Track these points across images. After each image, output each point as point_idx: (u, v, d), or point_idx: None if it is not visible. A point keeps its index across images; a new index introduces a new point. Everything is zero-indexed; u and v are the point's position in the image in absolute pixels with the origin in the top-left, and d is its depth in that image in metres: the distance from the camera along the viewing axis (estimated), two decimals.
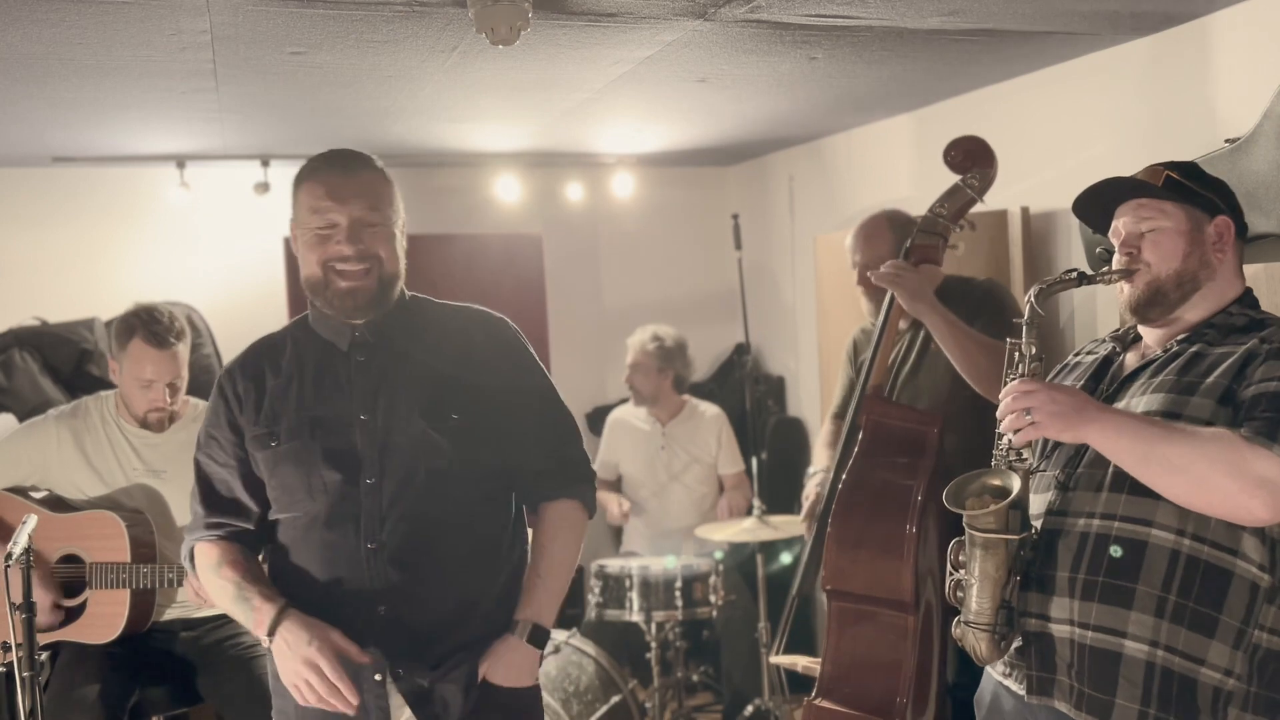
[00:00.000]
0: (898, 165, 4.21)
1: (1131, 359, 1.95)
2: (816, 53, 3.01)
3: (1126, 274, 1.88)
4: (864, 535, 2.71)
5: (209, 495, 2.07)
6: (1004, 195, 2.93)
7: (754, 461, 4.13)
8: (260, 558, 2.12)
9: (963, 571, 1.86)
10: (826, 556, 2.75)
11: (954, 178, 2.83)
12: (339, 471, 1.96)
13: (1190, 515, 1.71)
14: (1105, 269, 1.93)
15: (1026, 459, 1.84)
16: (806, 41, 2.87)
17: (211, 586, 2.05)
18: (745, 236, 4.48)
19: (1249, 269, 2.35)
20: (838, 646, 2.74)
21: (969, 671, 2.87)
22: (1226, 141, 2.62)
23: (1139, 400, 1.82)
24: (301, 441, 1.98)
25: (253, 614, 1.97)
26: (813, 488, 3.18)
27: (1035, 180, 3.43)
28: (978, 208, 2.85)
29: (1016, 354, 1.89)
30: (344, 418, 1.99)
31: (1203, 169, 1.94)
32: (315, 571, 1.99)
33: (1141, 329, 1.96)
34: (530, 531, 2.18)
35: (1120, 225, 1.92)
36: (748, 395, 4.39)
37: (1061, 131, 3.36)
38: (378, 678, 1.94)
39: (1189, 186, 1.88)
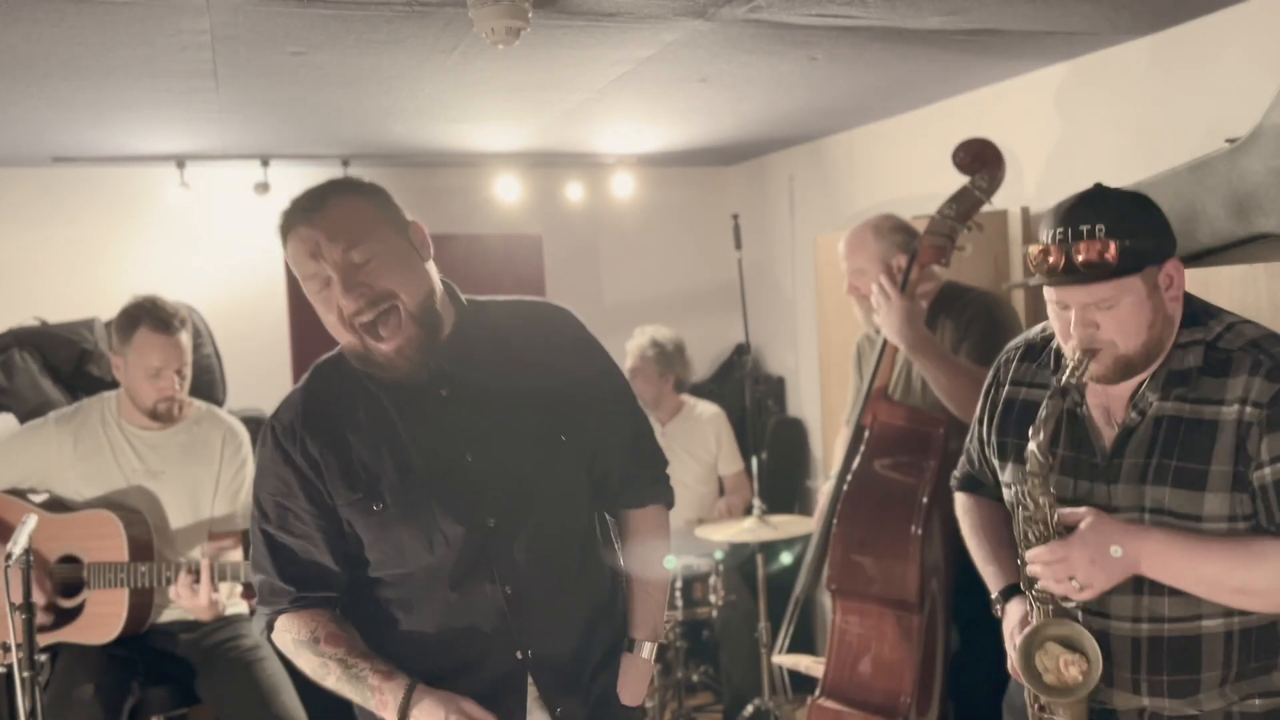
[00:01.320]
0: (898, 165, 4.21)
1: (1099, 415, 1.82)
2: (816, 53, 3.01)
3: (1092, 354, 1.71)
4: (870, 535, 2.71)
5: (285, 566, 1.83)
6: (1004, 195, 2.93)
7: (754, 461, 4.12)
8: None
9: (1044, 712, 1.82)
10: (832, 556, 2.75)
11: (960, 179, 2.83)
12: (460, 522, 1.78)
13: None
14: (1073, 363, 1.73)
15: (1071, 601, 1.77)
16: (806, 41, 2.87)
17: (308, 663, 1.82)
18: (745, 236, 4.48)
19: (1249, 268, 2.35)
20: (842, 646, 2.74)
21: (969, 670, 2.88)
22: (1226, 141, 2.62)
23: (1145, 490, 1.74)
24: (411, 499, 1.78)
25: (372, 695, 1.77)
26: (828, 489, 3.16)
27: (1035, 180, 3.43)
28: (982, 208, 2.86)
29: (1033, 503, 1.76)
30: (450, 462, 1.80)
31: (1137, 198, 1.75)
32: (444, 627, 1.82)
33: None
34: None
35: (1069, 299, 1.71)
36: (748, 395, 4.39)
37: (1061, 131, 3.36)
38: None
39: (1144, 249, 1.68)
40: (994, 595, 1.94)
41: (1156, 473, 1.73)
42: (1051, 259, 1.69)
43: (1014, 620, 1.85)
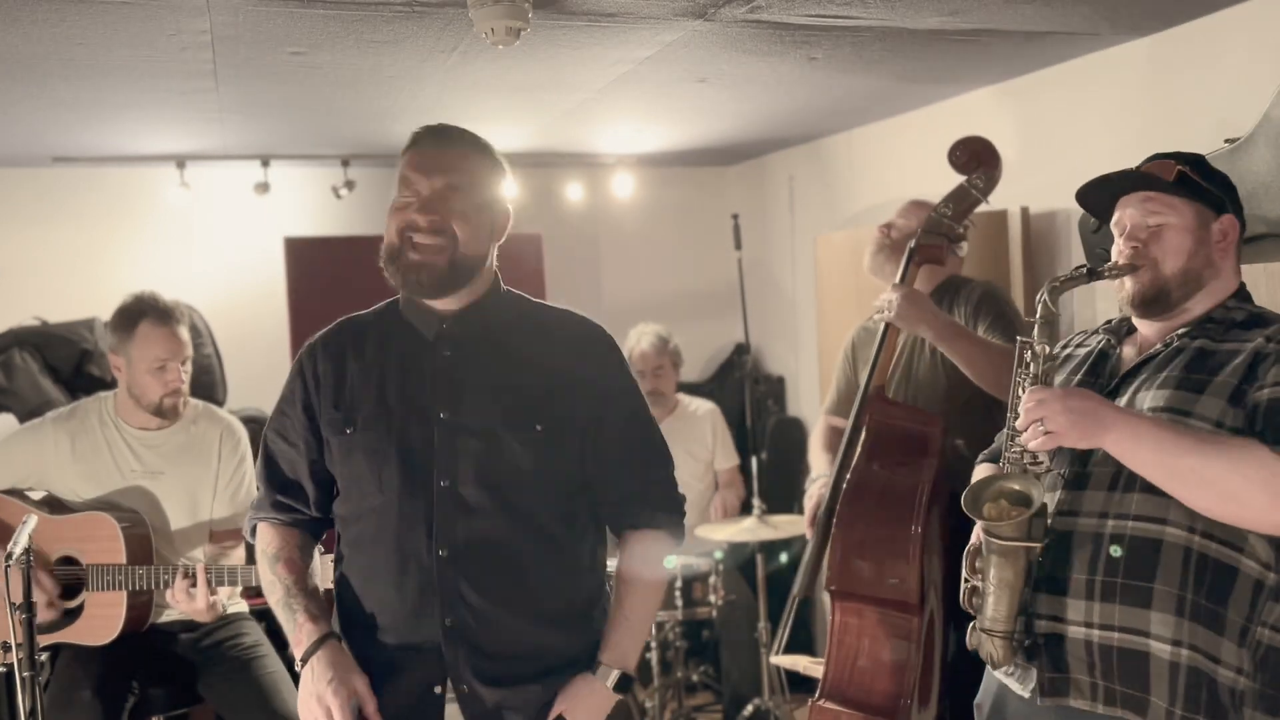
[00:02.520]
0: (897, 165, 4.21)
1: (1129, 353, 1.92)
2: (816, 53, 3.01)
3: (1132, 269, 1.85)
4: (869, 536, 2.71)
5: (273, 474, 1.99)
6: (1004, 195, 2.93)
7: (754, 461, 4.13)
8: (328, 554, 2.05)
9: (978, 578, 1.84)
10: (831, 557, 2.75)
11: (958, 178, 2.83)
12: (412, 469, 1.85)
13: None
14: (1111, 264, 1.89)
15: (1042, 462, 1.82)
16: (806, 41, 2.87)
17: (264, 577, 1.98)
18: (745, 236, 4.47)
19: (1249, 269, 2.35)
20: (841, 647, 2.74)
21: (967, 670, 2.88)
22: (1226, 141, 2.62)
23: (1144, 395, 1.79)
24: (377, 432, 1.88)
25: (295, 630, 1.90)
26: (816, 491, 3.16)
27: (1035, 180, 3.43)
28: (980, 208, 2.85)
29: (1028, 353, 1.86)
30: (423, 413, 1.87)
31: (1210, 163, 1.91)
32: (383, 572, 1.88)
33: (1138, 322, 1.93)
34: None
35: (1125, 217, 1.89)
36: (748, 395, 4.39)
37: (1061, 131, 3.36)
38: (437, 690, 1.85)
39: (1199, 183, 1.85)
40: None
41: (1163, 381, 1.79)
42: (1121, 169, 1.90)
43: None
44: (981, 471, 2.15)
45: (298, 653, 1.88)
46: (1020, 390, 1.85)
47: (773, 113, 3.97)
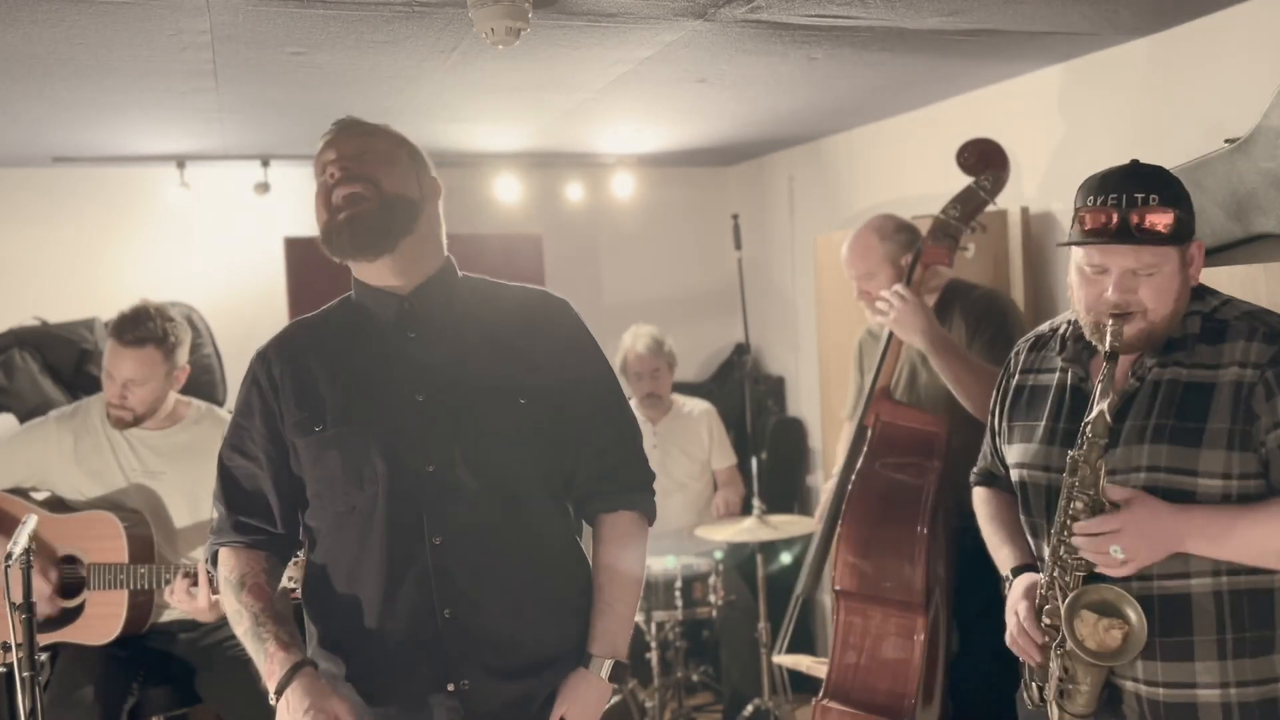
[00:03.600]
0: (897, 165, 4.21)
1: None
2: (816, 53, 3.01)
3: (1125, 318, 1.76)
4: (875, 537, 2.71)
5: (233, 493, 1.89)
6: (1004, 195, 2.93)
7: (754, 461, 4.13)
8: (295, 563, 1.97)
9: (1067, 676, 1.81)
10: (837, 558, 2.75)
11: (963, 179, 2.83)
12: (396, 458, 1.77)
13: None
14: (1110, 318, 1.77)
15: (1094, 565, 1.78)
16: (806, 41, 2.87)
17: (229, 607, 1.87)
18: (745, 236, 4.47)
19: (1249, 269, 2.35)
20: (846, 647, 2.74)
21: (969, 670, 2.88)
22: (1226, 141, 2.62)
23: (1138, 451, 1.77)
24: (351, 426, 1.79)
25: (265, 661, 1.79)
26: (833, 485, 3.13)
27: (1035, 180, 3.43)
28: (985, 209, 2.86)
29: (1088, 469, 1.75)
30: (398, 399, 1.80)
31: (1179, 183, 1.81)
32: (371, 574, 1.79)
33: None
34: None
35: (1113, 265, 1.76)
36: (748, 395, 4.38)
37: (1061, 131, 3.36)
38: (450, 688, 1.77)
39: (1187, 223, 1.78)
40: (1005, 573, 1.98)
41: (1155, 432, 1.77)
42: (1106, 220, 1.76)
43: (1019, 591, 1.90)
44: (979, 499, 2.14)
45: (270, 684, 1.77)
46: (1075, 500, 1.77)
47: (773, 113, 3.97)
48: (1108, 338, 1.76)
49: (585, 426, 1.91)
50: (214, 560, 1.93)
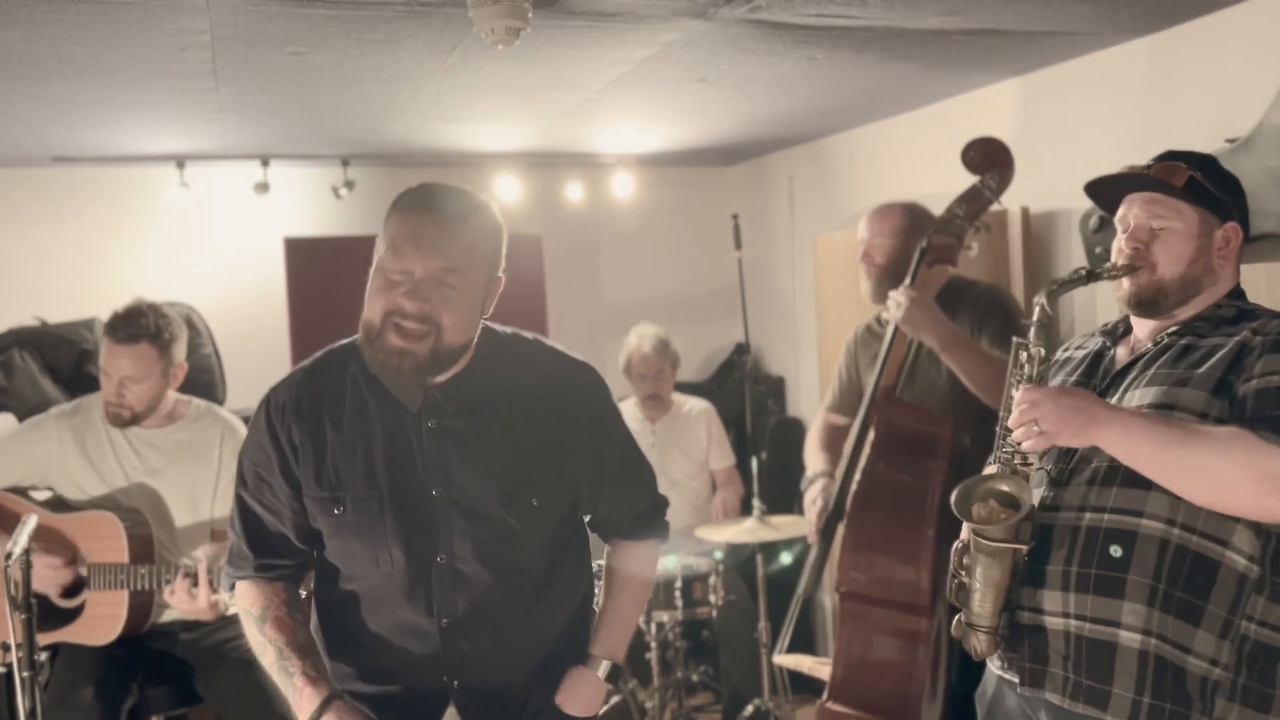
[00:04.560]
0: (897, 165, 4.21)
1: (1122, 353, 1.95)
2: (816, 53, 3.01)
3: (1130, 270, 1.86)
4: (881, 538, 2.70)
5: (254, 534, 1.90)
6: (1004, 195, 2.93)
7: (754, 461, 4.12)
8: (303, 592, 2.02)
9: (965, 574, 1.87)
10: (842, 559, 2.75)
11: (966, 178, 2.83)
12: (409, 550, 1.83)
13: (1181, 505, 1.72)
14: (1110, 265, 1.90)
15: (1032, 462, 1.84)
16: (806, 41, 2.87)
17: (252, 639, 1.92)
18: (745, 236, 4.47)
19: (1248, 269, 2.35)
20: (850, 649, 2.73)
21: (970, 670, 2.87)
22: (1226, 141, 2.62)
23: (1133, 394, 1.82)
24: (369, 517, 1.83)
25: (294, 694, 1.84)
26: (816, 493, 3.13)
27: (1035, 180, 3.43)
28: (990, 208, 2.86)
29: (1024, 354, 1.87)
30: (415, 491, 1.83)
31: (1222, 166, 1.91)
32: (380, 637, 1.88)
33: (1134, 322, 1.95)
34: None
35: (1129, 215, 1.89)
36: (748, 395, 4.38)
37: (1061, 131, 3.36)
38: None
39: (1207, 189, 1.85)
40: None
41: (1151, 379, 1.81)
42: (1129, 168, 1.90)
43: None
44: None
45: (302, 718, 1.83)
46: (1014, 390, 1.86)
47: (773, 113, 3.97)
48: (1105, 268, 1.88)
49: (609, 488, 2.01)
50: (231, 588, 1.97)
